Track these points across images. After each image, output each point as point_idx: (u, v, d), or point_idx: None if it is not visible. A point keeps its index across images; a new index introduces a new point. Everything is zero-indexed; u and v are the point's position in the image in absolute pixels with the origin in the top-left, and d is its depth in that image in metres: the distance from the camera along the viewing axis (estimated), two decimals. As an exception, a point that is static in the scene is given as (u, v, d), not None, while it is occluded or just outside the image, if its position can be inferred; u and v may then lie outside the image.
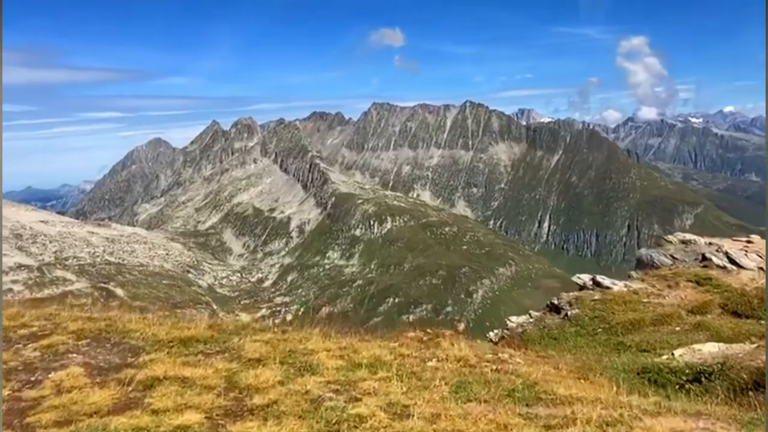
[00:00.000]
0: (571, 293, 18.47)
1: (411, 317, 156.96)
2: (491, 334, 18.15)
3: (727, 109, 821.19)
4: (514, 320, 18.19)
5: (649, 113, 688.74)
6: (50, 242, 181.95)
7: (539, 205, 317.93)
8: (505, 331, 17.79)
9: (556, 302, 18.00)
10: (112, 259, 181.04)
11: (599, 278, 18.97)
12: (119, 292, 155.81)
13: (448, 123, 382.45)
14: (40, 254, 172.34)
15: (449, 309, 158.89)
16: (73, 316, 11.89)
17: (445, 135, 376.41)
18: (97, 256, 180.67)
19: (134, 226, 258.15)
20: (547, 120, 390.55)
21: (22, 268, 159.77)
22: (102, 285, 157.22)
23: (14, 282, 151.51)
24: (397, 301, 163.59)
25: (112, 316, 12.04)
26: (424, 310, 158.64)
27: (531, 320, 17.83)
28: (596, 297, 17.21)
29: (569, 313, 16.65)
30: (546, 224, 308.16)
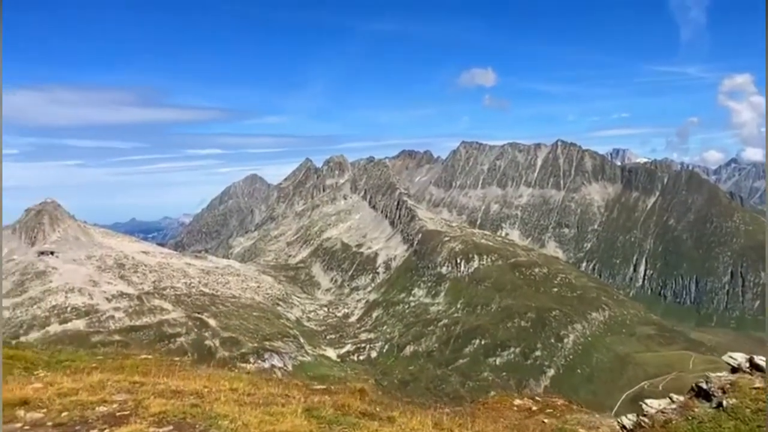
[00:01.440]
0: (724, 376, 15.00)
1: (498, 360, 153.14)
2: (625, 420, 15.99)
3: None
4: (654, 405, 15.08)
5: (754, 154, 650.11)
6: (150, 272, 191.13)
7: (635, 248, 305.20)
8: (643, 418, 15.22)
9: (704, 386, 15.15)
10: (206, 290, 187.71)
11: (758, 359, 15.52)
12: (212, 322, 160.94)
13: (539, 162, 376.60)
14: (141, 283, 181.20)
15: (538, 353, 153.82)
16: (158, 389, 11.35)
17: (535, 174, 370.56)
18: (193, 287, 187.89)
19: (229, 258, 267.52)
20: (643, 160, 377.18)
21: (124, 296, 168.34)
22: (196, 315, 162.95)
23: (116, 309, 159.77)
24: (483, 342, 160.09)
25: (200, 391, 11.44)
26: (511, 353, 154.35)
27: (674, 407, 14.74)
28: (757, 384, 14.28)
29: (724, 402, 13.88)
30: (642, 268, 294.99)
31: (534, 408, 20.40)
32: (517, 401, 21.09)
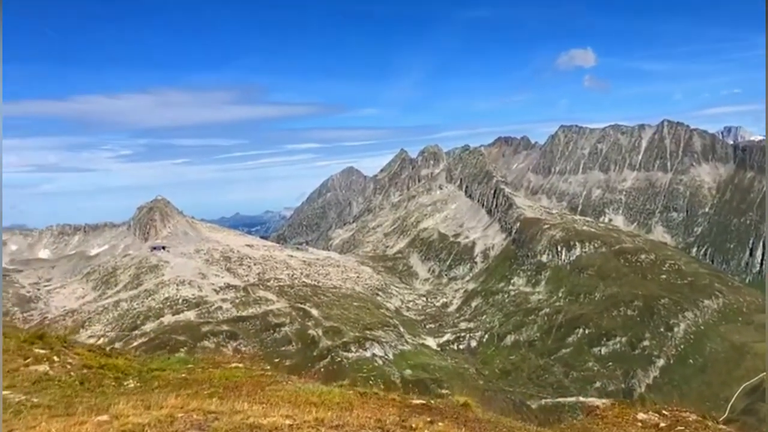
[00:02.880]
0: None
1: (603, 350, 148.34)
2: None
3: None
4: None
5: None
6: (254, 264, 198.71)
7: (750, 232, 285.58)
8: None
9: None
10: (308, 281, 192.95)
11: None
12: (314, 312, 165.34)
13: (644, 144, 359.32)
14: (246, 275, 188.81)
15: (646, 343, 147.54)
16: (234, 423, 10.41)
17: (639, 156, 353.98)
18: (296, 278, 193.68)
19: (328, 250, 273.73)
20: (758, 138, 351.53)
21: (230, 287, 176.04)
22: (299, 305, 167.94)
23: (223, 300, 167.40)
24: (587, 332, 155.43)
25: (281, 426, 10.49)
26: (617, 343, 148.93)
27: None
28: None
29: None
30: (759, 253, 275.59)
31: (662, 424, 18.80)
32: (641, 415, 19.49)
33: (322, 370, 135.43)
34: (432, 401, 16.16)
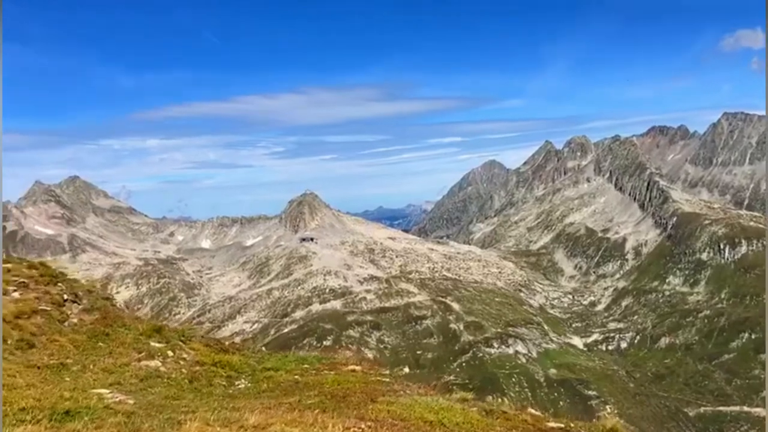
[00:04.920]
0: None
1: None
2: None
3: None
4: None
5: None
6: (396, 257, 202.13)
7: None
8: None
9: None
10: (449, 275, 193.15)
11: None
12: (455, 306, 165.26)
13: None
14: (388, 267, 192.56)
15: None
16: None
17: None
18: (436, 272, 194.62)
19: (469, 244, 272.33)
20: None
21: (374, 279, 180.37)
22: (440, 299, 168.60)
23: (367, 291, 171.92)
24: (753, 336, 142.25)
25: None
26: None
27: None
28: None
29: None
30: None
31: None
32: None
33: (464, 364, 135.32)
34: (572, 424, 13.55)
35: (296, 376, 16.26)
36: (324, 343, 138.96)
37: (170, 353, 16.65)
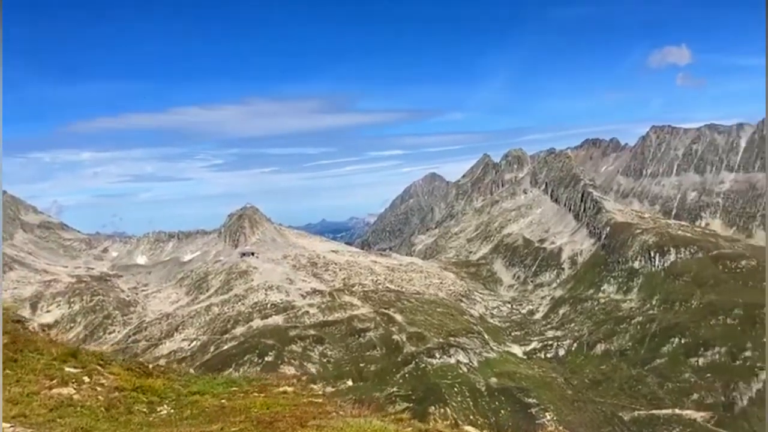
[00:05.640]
0: None
1: (701, 360, 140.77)
2: None
3: None
4: None
5: None
6: (340, 270, 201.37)
7: None
8: None
9: None
10: (392, 287, 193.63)
11: None
12: (398, 318, 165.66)
13: (743, 143, 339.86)
14: (332, 281, 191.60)
15: (748, 354, 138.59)
16: None
17: (738, 157, 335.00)
18: (379, 284, 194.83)
19: (411, 256, 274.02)
20: None
21: (317, 293, 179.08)
22: (383, 311, 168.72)
23: (310, 305, 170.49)
24: (683, 341, 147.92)
25: None
26: (716, 353, 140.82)
27: None
28: None
29: None
30: None
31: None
32: None
33: (407, 375, 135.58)
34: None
35: (223, 401, 15.64)
36: (266, 359, 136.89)
37: (86, 379, 15.42)
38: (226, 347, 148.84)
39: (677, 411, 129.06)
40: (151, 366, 19.27)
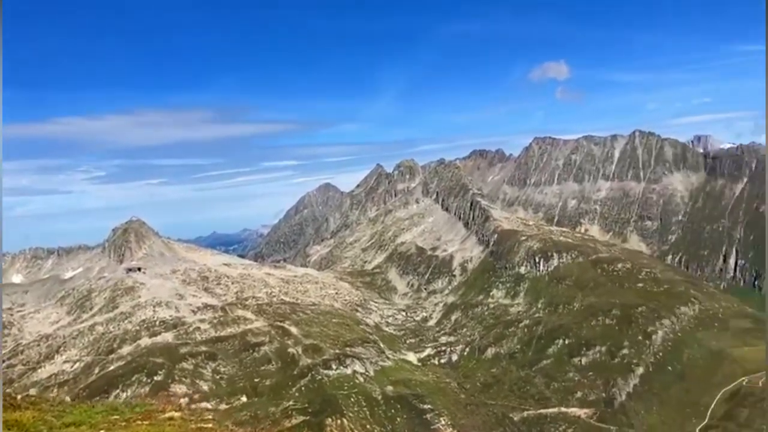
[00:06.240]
0: None
1: (583, 360, 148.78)
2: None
3: None
4: None
5: None
6: (232, 284, 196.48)
7: (723, 239, 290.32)
8: None
9: None
10: (287, 299, 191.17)
11: None
12: (294, 330, 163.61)
13: (617, 154, 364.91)
14: (224, 295, 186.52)
15: (625, 351, 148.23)
16: None
17: (613, 166, 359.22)
18: (274, 296, 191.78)
19: (306, 267, 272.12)
20: (727, 146, 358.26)
21: (208, 308, 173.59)
22: (278, 324, 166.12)
23: (201, 321, 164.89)
24: (567, 342, 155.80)
25: None
26: (597, 352, 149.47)
27: None
28: None
29: None
30: (732, 259, 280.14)
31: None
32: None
33: (303, 388, 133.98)
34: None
35: (102, 430, 14.27)
36: (155, 378, 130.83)
37: None
38: (112, 368, 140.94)
39: (563, 409, 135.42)
40: (19, 397, 17.46)
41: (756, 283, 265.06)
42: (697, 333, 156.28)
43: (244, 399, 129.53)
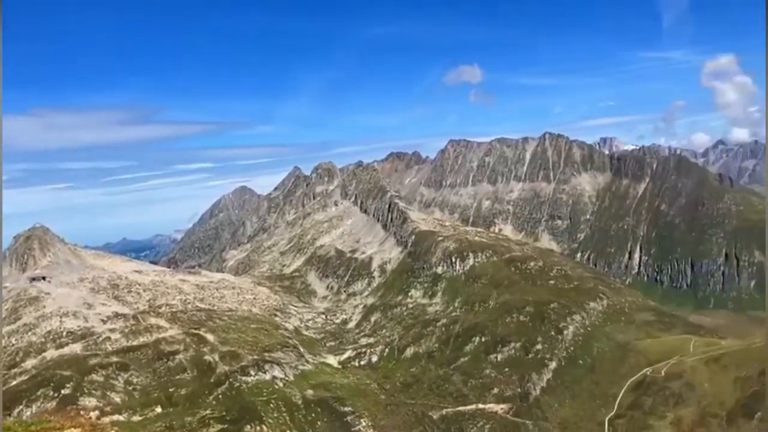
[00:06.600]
0: None
1: (499, 356, 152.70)
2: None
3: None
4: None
5: (741, 135, 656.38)
6: (144, 291, 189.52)
7: (628, 236, 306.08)
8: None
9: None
10: (202, 306, 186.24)
11: None
12: (210, 337, 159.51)
13: (528, 156, 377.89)
14: (135, 303, 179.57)
15: (539, 347, 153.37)
16: None
17: (524, 168, 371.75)
18: (189, 303, 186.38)
19: (223, 272, 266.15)
20: (631, 147, 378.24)
21: (119, 316, 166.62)
22: (193, 331, 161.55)
23: (112, 330, 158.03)
24: (483, 339, 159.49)
25: None
26: (512, 348, 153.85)
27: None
28: None
29: None
30: (637, 255, 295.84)
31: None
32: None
33: (221, 396, 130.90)
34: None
35: None
36: (63, 392, 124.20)
37: None
38: (15, 383, 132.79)
39: (480, 405, 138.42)
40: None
41: (658, 277, 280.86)
42: (605, 327, 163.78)
43: (158, 410, 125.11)
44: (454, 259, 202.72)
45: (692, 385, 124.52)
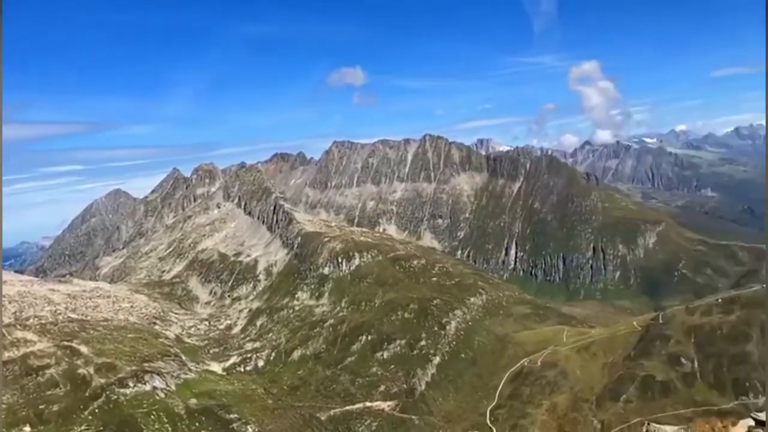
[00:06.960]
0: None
1: (385, 354, 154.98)
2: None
3: (679, 128, 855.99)
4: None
5: (605, 136, 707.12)
6: (9, 303, 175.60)
7: (504, 233, 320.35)
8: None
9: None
10: (74, 316, 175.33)
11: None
12: (84, 349, 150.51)
13: (409, 157, 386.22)
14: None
15: (423, 343, 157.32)
16: None
17: (406, 169, 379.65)
18: (59, 314, 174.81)
19: (97, 280, 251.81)
20: (506, 148, 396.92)
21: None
22: (65, 343, 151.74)
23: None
24: (369, 338, 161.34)
25: None
26: (397, 346, 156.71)
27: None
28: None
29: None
30: (512, 251, 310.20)
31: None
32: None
33: (97, 411, 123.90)
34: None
35: None
36: None
37: None
38: None
39: (368, 404, 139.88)
40: None
41: (532, 272, 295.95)
42: (485, 321, 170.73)
43: (27, 429, 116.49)
44: (340, 260, 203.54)
45: (566, 373, 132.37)
